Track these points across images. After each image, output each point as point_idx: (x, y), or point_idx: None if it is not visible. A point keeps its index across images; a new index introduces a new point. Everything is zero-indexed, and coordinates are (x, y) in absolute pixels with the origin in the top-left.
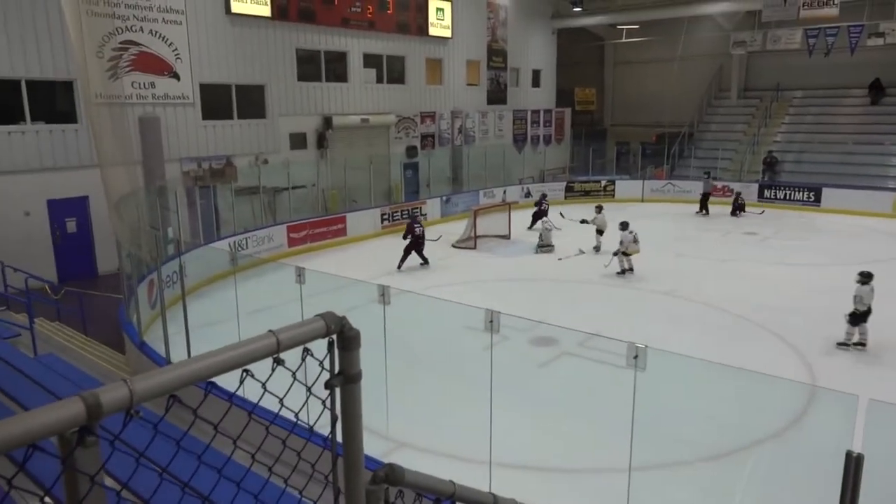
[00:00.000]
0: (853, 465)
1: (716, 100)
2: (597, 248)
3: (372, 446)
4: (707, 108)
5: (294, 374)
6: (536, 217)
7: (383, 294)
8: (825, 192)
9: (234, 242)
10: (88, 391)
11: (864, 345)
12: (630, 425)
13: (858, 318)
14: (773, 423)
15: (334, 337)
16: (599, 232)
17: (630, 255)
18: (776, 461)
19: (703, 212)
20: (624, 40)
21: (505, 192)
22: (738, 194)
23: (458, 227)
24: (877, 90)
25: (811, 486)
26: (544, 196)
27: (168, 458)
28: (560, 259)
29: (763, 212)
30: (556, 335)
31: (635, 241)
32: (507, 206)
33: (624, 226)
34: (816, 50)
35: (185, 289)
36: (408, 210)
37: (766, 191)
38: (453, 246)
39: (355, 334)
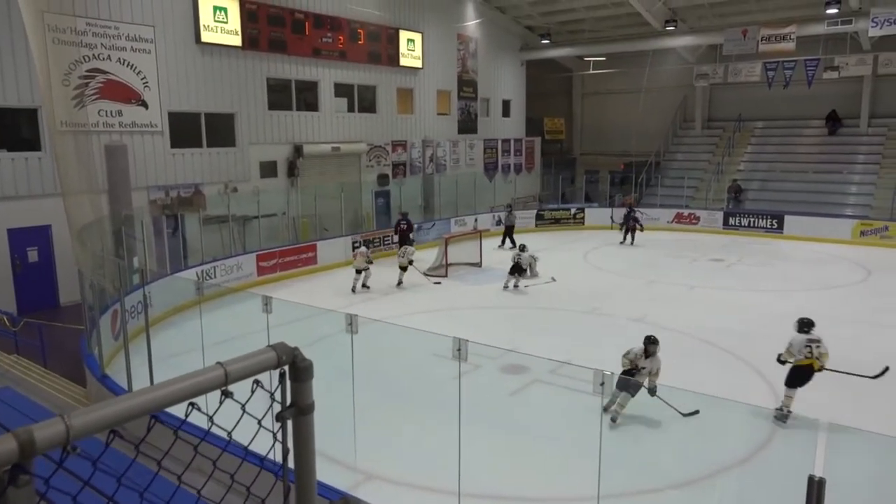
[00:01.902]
0: (815, 490)
1: (681, 130)
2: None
3: (339, 478)
4: (673, 138)
5: (244, 406)
6: (508, 233)
7: (351, 323)
8: (787, 219)
9: (202, 272)
10: (22, 427)
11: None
12: (599, 452)
13: (792, 376)
14: (741, 449)
15: (286, 368)
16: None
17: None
18: (744, 487)
19: (503, 245)
20: (591, 72)
21: (476, 220)
22: (631, 213)
23: (429, 255)
24: (833, 121)
25: None
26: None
27: (117, 489)
28: (527, 286)
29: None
30: (526, 363)
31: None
32: (478, 233)
33: (522, 248)
34: (775, 82)
35: (150, 319)
36: (380, 237)
37: (730, 218)
38: (424, 274)
39: (308, 365)
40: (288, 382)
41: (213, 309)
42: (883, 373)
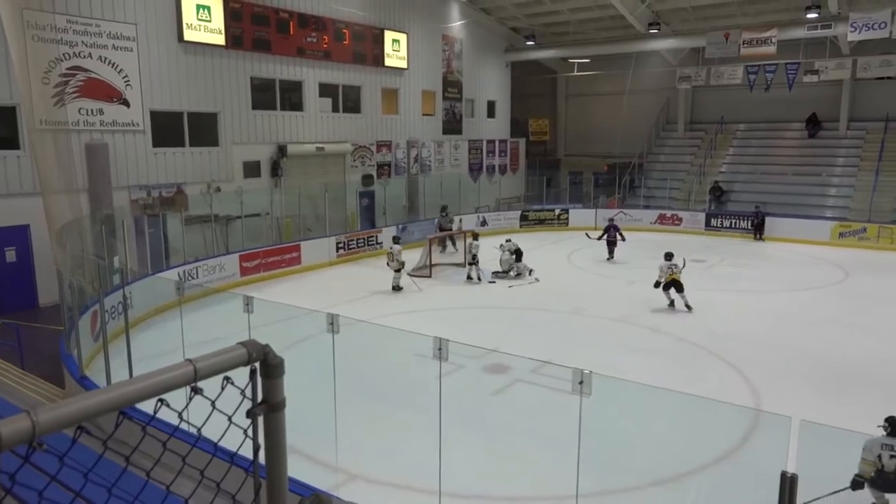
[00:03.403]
0: (788, 486)
1: (664, 132)
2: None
3: (321, 478)
4: (656, 140)
5: (213, 402)
6: (443, 231)
7: (332, 323)
8: (768, 220)
9: (184, 272)
10: None
11: None
12: (577, 451)
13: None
14: (718, 447)
15: (257, 365)
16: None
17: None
18: (721, 484)
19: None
20: (576, 73)
21: (461, 220)
22: (612, 226)
23: (413, 256)
24: (813, 124)
25: None
26: (446, 208)
27: (84, 484)
28: (511, 286)
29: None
30: (508, 363)
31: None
32: (462, 234)
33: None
34: (757, 85)
35: (131, 320)
36: (364, 237)
37: (712, 219)
38: (409, 274)
39: (279, 362)
40: (259, 379)
41: (195, 310)
42: None
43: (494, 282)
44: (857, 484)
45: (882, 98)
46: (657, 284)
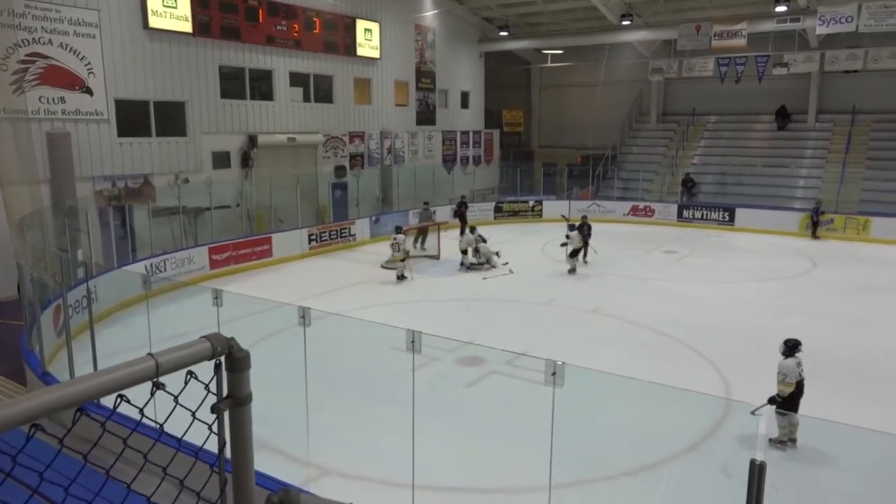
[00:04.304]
0: (756, 473)
1: (637, 123)
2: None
3: (292, 473)
4: (629, 132)
5: (176, 398)
6: (462, 220)
7: (303, 316)
8: (739, 212)
9: (151, 265)
10: None
11: (794, 441)
12: (550, 442)
13: (784, 403)
14: (689, 436)
15: (222, 359)
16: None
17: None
18: (692, 473)
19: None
20: (549, 65)
21: (434, 212)
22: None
23: (386, 248)
24: (782, 116)
25: (724, 495)
26: (463, 199)
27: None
28: (485, 279)
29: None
30: (483, 354)
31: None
32: (436, 226)
33: (472, 230)
34: (727, 77)
35: (95, 315)
36: (337, 230)
37: (684, 211)
38: (382, 267)
39: (244, 355)
40: (224, 373)
41: (162, 304)
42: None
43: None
44: (774, 401)
45: (849, 91)
46: (572, 252)
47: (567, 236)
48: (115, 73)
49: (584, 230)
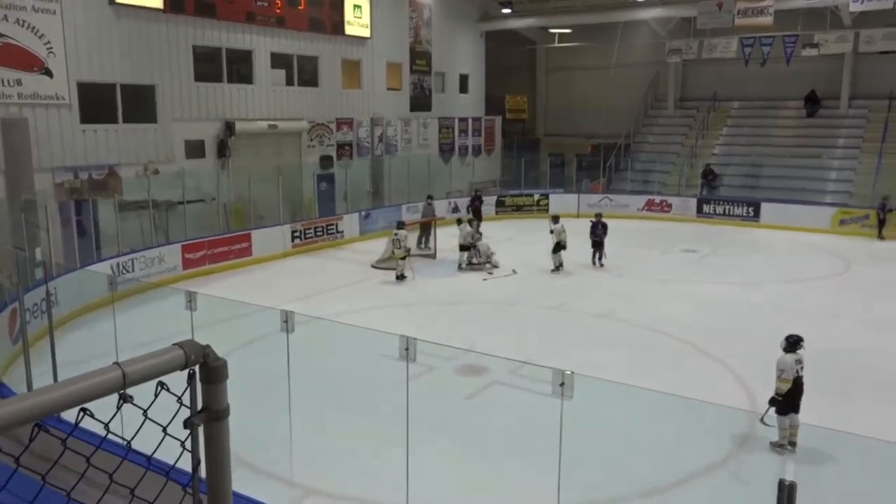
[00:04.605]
0: (786, 495)
1: (652, 110)
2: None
3: (274, 494)
4: (644, 119)
5: (145, 411)
6: (476, 215)
7: (287, 321)
8: (764, 206)
9: (118, 265)
10: None
11: (794, 444)
12: (559, 460)
13: (783, 403)
14: (712, 453)
15: (196, 368)
16: (560, 247)
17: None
18: (715, 494)
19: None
20: (556, 45)
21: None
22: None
23: (378, 246)
24: (812, 102)
25: None
26: (477, 192)
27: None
28: (485, 279)
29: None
30: (484, 363)
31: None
32: (432, 221)
33: (470, 223)
34: (752, 59)
35: (56, 319)
36: (323, 226)
37: (704, 205)
38: (373, 266)
39: (220, 364)
40: (199, 384)
41: (130, 307)
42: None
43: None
44: (774, 401)
45: (886, 74)
46: (555, 247)
47: (550, 230)
48: (78, 54)
49: (599, 229)
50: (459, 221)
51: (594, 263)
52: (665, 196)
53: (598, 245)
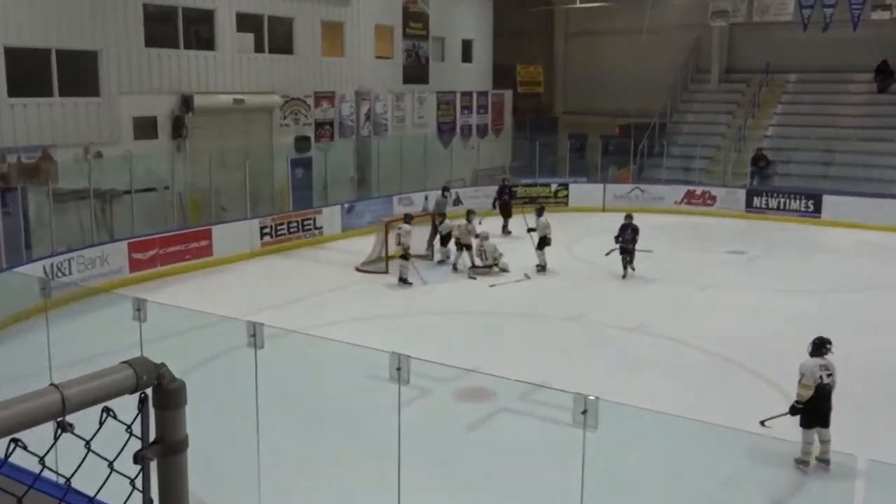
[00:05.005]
0: None
1: (693, 83)
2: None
3: None
4: (682, 94)
5: (88, 443)
6: (505, 212)
7: (254, 334)
8: (826, 199)
9: (52, 266)
10: None
11: (826, 462)
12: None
13: (809, 414)
14: (763, 495)
15: (148, 392)
16: (545, 243)
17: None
18: None
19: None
20: (578, 5)
21: (427, 198)
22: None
23: (363, 245)
24: (884, 75)
25: None
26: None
27: None
28: (492, 286)
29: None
30: (490, 386)
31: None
32: (429, 216)
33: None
34: (812, 24)
35: None
36: (298, 221)
37: (755, 198)
38: (358, 269)
39: (178, 387)
40: (151, 410)
41: (67, 317)
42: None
43: (475, 278)
44: (795, 410)
45: None
46: (539, 242)
47: (530, 229)
48: (5, 13)
49: (628, 233)
50: (470, 214)
51: (625, 274)
52: (708, 186)
53: (626, 252)
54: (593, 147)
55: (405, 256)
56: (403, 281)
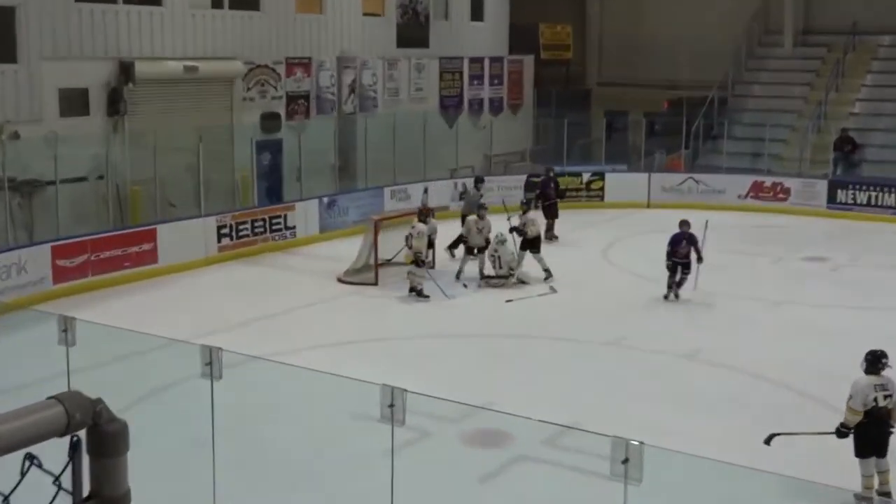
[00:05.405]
0: None
1: (761, 47)
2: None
3: None
4: (747, 61)
5: (7, 497)
6: (548, 210)
7: (210, 361)
8: None
9: None
10: None
11: (888, 495)
12: None
13: (861, 441)
14: None
15: (82, 434)
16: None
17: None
18: None
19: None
20: None
21: (426, 190)
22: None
23: (347, 250)
24: None
25: None
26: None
27: None
28: (509, 301)
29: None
30: (507, 428)
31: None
32: (428, 212)
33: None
34: None
35: None
36: (264, 219)
37: (839, 191)
38: (340, 280)
39: (118, 429)
40: (85, 457)
41: None
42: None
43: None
44: (841, 433)
45: None
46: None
47: (512, 229)
48: None
49: (682, 246)
50: (527, 205)
51: (668, 296)
52: (780, 177)
53: (678, 269)
54: (635, 127)
55: (418, 262)
56: (418, 293)
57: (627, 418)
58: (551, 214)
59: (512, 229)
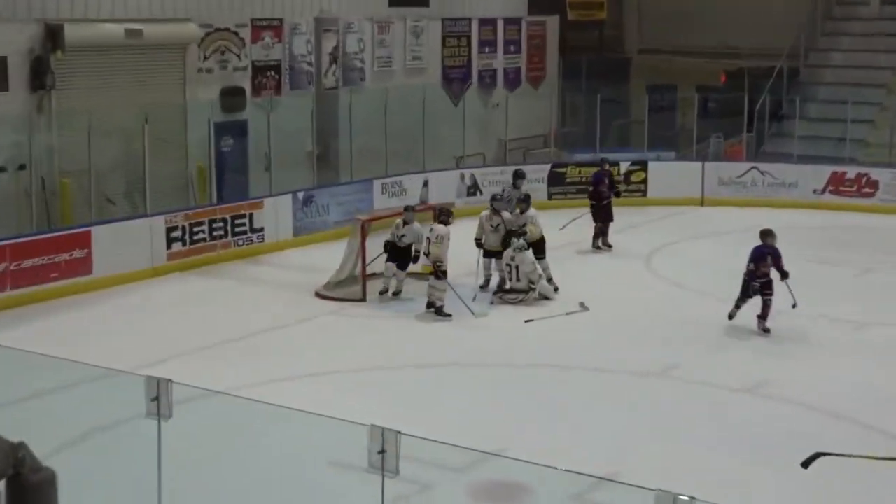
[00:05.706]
0: None
1: (840, 6)
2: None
3: None
4: (824, 24)
5: None
6: (600, 211)
7: (158, 396)
8: None
9: None
10: None
11: None
12: None
13: None
14: None
15: (1, 485)
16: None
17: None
18: None
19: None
20: None
21: (426, 183)
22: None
23: (328, 258)
24: None
25: None
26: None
27: None
28: (528, 321)
29: None
30: (526, 479)
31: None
32: (429, 209)
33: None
34: None
35: None
36: (225, 219)
37: None
38: (319, 296)
39: (45, 478)
40: None
41: None
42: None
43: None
44: None
45: None
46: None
47: (512, 231)
48: None
49: (766, 262)
50: (525, 200)
51: (733, 314)
52: (865, 167)
53: (749, 287)
54: (686, 105)
55: (437, 275)
56: (438, 311)
57: (676, 467)
58: (604, 217)
59: (517, 228)
